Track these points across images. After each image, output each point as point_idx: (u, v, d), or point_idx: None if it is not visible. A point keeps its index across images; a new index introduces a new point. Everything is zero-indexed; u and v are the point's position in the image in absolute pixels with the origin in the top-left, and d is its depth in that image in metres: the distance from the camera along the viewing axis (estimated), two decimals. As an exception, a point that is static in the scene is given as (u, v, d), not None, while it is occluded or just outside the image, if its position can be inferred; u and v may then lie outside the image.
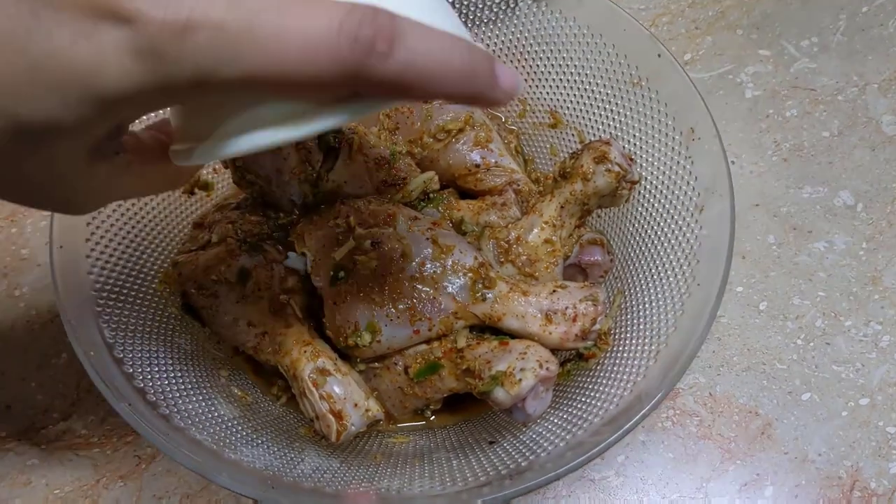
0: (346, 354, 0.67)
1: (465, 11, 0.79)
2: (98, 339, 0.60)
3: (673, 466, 0.74)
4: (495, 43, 0.79)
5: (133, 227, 0.69)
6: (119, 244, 0.67)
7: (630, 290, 0.71)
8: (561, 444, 0.58)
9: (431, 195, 0.75)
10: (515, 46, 0.78)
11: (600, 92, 0.75)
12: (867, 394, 0.77)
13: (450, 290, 0.65)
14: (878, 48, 0.99)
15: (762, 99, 0.96)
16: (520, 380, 0.60)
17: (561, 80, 0.77)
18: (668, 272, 0.66)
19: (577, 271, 0.73)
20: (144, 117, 0.63)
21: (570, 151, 0.76)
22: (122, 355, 0.61)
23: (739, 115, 0.95)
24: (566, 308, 0.65)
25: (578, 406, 0.63)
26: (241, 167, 0.72)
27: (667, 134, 0.69)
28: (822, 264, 0.84)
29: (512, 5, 0.77)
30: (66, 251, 0.62)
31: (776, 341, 0.80)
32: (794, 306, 0.82)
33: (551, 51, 0.77)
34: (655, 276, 0.68)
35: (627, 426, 0.54)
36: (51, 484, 0.75)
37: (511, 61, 0.80)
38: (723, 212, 0.62)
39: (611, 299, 0.72)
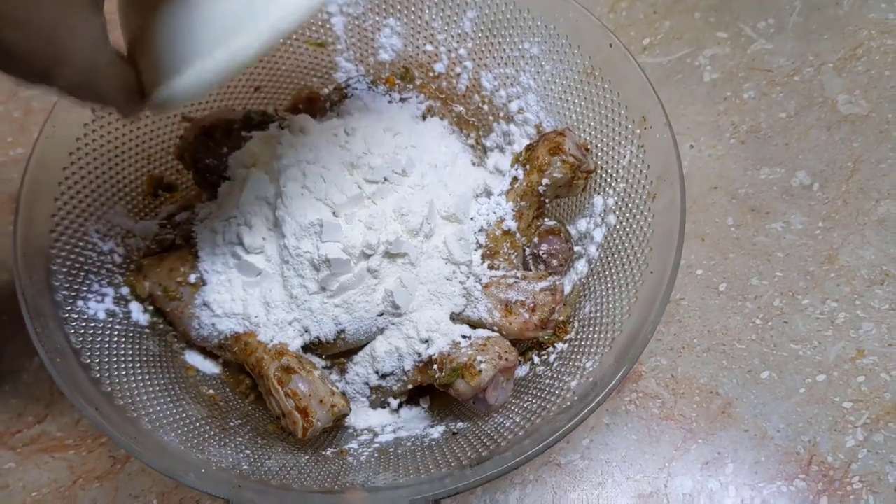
0: (311, 350, 0.69)
1: (418, 7, 0.80)
2: (65, 345, 0.61)
3: (636, 448, 0.76)
4: (452, 37, 0.80)
5: (97, 231, 0.70)
6: (83, 250, 0.68)
7: (588, 278, 0.72)
8: (520, 433, 0.60)
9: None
10: (470, 37, 0.79)
11: (555, 82, 0.76)
12: (824, 370, 0.79)
13: (410, 285, 0.67)
14: (833, 27, 1.00)
15: (720, 82, 0.97)
16: (480, 371, 0.62)
17: (516, 71, 0.78)
18: (624, 260, 0.67)
19: (537, 260, 0.75)
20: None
21: (527, 143, 0.77)
22: (88, 361, 0.62)
23: (698, 99, 0.96)
24: (525, 299, 0.67)
25: (538, 395, 0.64)
26: (202, 168, 0.73)
27: (620, 123, 0.71)
28: (779, 244, 0.86)
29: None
30: (29, 258, 0.63)
31: (735, 322, 0.82)
32: (753, 287, 0.84)
33: (506, 43, 0.77)
34: (611, 264, 0.69)
35: (582, 414, 0.56)
36: (27, 487, 0.76)
37: (466, 55, 0.81)
38: (673, 199, 0.63)
39: (571, 288, 0.74)
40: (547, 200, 0.73)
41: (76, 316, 0.64)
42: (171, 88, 0.45)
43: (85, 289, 0.67)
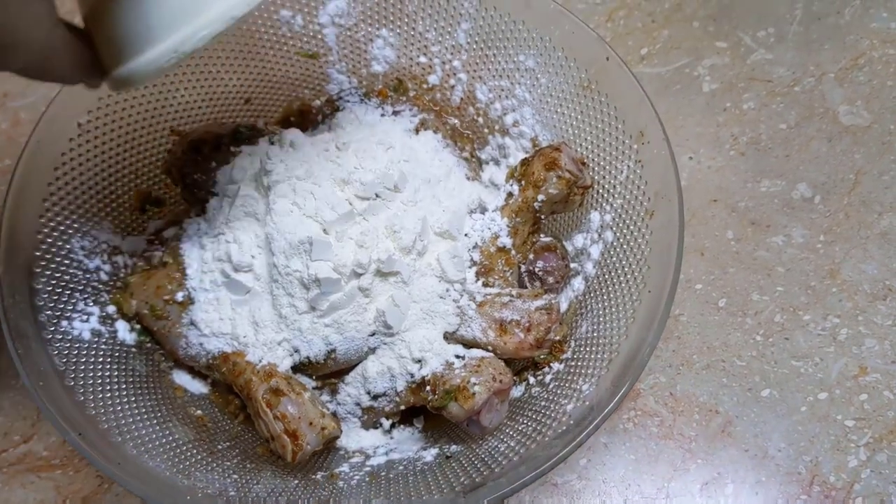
0: (301, 370, 0.67)
1: (411, 19, 0.78)
2: (48, 367, 0.60)
3: (634, 468, 0.75)
4: (446, 48, 0.79)
5: (82, 248, 0.68)
6: (68, 268, 0.66)
7: (584, 296, 0.71)
8: (515, 459, 0.58)
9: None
10: (464, 49, 0.78)
11: (551, 95, 0.75)
12: (826, 388, 0.77)
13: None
14: (834, 37, 0.99)
15: (719, 92, 0.96)
16: (473, 394, 0.61)
17: (511, 83, 0.77)
18: (621, 278, 0.66)
19: (533, 278, 0.73)
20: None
21: (523, 156, 0.75)
22: (72, 383, 0.60)
23: (697, 110, 0.95)
24: (521, 318, 0.65)
25: (534, 418, 0.63)
26: (190, 183, 0.72)
27: (617, 138, 0.69)
28: (780, 258, 0.84)
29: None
30: (12, 276, 0.61)
31: (735, 338, 0.80)
32: (753, 302, 0.82)
33: (501, 55, 0.76)
34: (608, 282, 0.68)
35: (578, 440, 0.54)
36: (12, 508, 0.75)
37: (460, 66, 0.79)
38: (671, 217, 0.61)
39: (567, 306, 0.72)
40: (543, 216, 0.72)
41: (60, 336, 0.63)
42: (128, 70, 0.46)
43: (70, 308, 0.65)
